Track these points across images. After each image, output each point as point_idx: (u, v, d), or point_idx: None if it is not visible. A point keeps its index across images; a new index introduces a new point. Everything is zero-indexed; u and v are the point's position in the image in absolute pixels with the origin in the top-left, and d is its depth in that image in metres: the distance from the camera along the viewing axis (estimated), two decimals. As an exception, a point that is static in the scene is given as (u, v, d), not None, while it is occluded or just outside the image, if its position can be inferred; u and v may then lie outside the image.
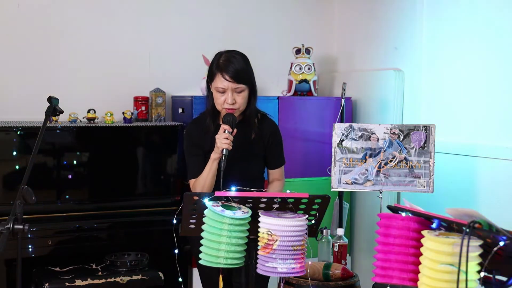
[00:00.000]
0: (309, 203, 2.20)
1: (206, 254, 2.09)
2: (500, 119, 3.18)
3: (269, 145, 2.88)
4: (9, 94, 3.75)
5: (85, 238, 3.43)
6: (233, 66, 2.68)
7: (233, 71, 2.67)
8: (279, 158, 2.94)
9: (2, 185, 3.38)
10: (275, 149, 2.91)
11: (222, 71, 2.68)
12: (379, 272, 1.90)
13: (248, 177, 2.76)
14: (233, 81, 2.68)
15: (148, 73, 4.08)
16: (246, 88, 2.72)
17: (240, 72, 2.68)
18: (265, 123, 2.88)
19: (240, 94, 2.70)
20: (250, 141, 2.82)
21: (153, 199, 3.69)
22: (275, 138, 2.90)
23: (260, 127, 2.85)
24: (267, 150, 2.88)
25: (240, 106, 2.73)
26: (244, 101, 2.73)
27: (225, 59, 2.71)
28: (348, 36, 4.45)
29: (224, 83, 2.68)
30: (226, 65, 2.69)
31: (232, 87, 2.68)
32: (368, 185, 3.11)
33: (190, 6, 4.20)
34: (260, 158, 2.88)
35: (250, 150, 2.82)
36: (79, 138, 3.56)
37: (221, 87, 2.69)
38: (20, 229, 2.13)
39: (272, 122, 2.93)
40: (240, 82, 2.68)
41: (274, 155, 2.91)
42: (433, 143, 3.05)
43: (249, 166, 2.82)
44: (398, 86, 3.81)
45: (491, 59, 3.23)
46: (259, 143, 2.85)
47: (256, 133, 2.84)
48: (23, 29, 3.78)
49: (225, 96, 2.69)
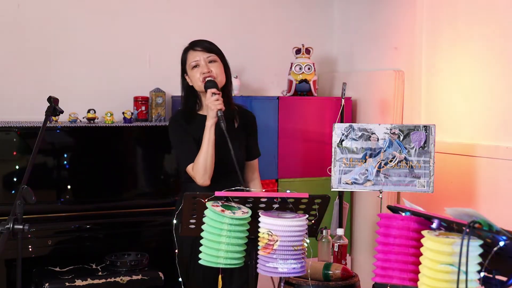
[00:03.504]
0: (309, 203, 2.20)
1: (206, 254, 2.09)
2: (500, 119, 3.18)
3: (248, 135, 2.90)
4: (9, 94, 3.75)
5: (85, 238, 3.43)
6: (199, 40, 2.84)
7: (200, 43, 2.81)
8: (256, 148, 2.96)
9: (2, 185, 3.38)
10: (253, 139, 2.93)
11: (191, 47, 2.82)
12: (379, 272, 1.90)
13: (240, 166, 2.71)
14: (203, 50, 2.77)
15: (148, 73, 4.08)
16: (218, 59, 2.78)
17: (207, 43, 2.81)
18: (244, 113, 2.92)
19: (213, 64, 2.76)
20: (234, 130, 2.83)
21: (153, 199, 3.69)
22: (253, 127, 2.93)
23: (241, 117, 2.88)
24: (247, 140, 2.90)
25: (218, 76, 2.75)
26: (220, 72, 2.77)
27: (192, 41, 2.86)
28: (348, 36, 4.45)
29: (196, 56, 2.77)
30: (193, 42, 2.84)
31: (203, 57, 2.76)
32: (368, 185, 3.11)
33: (190, 6, 4.20)
34: (243, 148, 2.87)
35: (237, 139, 2.79)
36: (79, 138, 3.56)
37: (193, 60, 2.77)
38: (20, 229, 2.13)
39: (250, 113, 2.97)
40: (210, 51, 2.78)
41: (252, 145, 2.92)
42: (433, 143, 3.05)
43: (239, 156, 2.75)
44: (398, 86, 3.81)
45: (491, 59, 3.23)
46: (242, 133, 2.87)
47: (238, 122, 2.86)
48: (23, 29, 3.78)
49: (200, 69, 2.75)
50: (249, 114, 2.96)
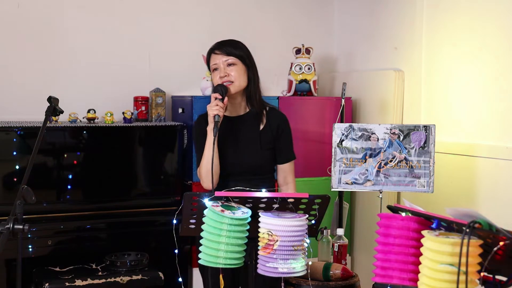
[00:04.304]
0: (309, 203, 2.20)
1: (206, 254, 2.09)
2: (500, 119, 3.17)
3: (277, 137, 2.81)
4: (9, 94, 3.75)
5: (85, 238, 3.43)
6: (222, 42, 2.81)
7: (221, 45, 2.78)
8: (288, 151, 2.85)
9: (2, 185, 3.38)
10: (283, 141, 2.82)
11: (213, 50, 2.79)
12: (379, 272, 1.90)
13: (258, 170, 2.74)
14: (222, 53, 2.75)
15: (148, 73, 4.08)
16: (238, 62, 2.75)
17: (228, 46, 2.78)
18: (273, 114, 2.84)
19: (232, 68, 2.74)
20: (258, 132, 2.78)
21: (153, 199, 3.69)
22: (284, 129, 2.83)
23: (268, 118, 2.81)
24: (276, 143, 2.81)
25: (235, 80, 2.72)
26: (238, 75, 2.73)
27: (217, 42, 2.84)
28: (348, 36, 4.45)
29: (216, 59, 2.75)
30: (216, 44, 2.82)
31: (222, 60, 2.74)
32: (368, 185, 3.11)
33: (190, 6, 4.20)
34: (268, 151, 2.80)
35: (259, 141, 2.77)
36: (79, 138, 3.56)
37: (214, 63, 2.76)
38: (20, 229, 2.13)
39: (281, 114, 2.87)
40: (230, 55, 2.75)
41: (282, 148, 2.82)
42: (433, 143, 3.05)
43: (258, 158, 2.76)
44: (398, 86, 3.81)
45: (491, 59, 3.23)
46: (268, 135, 2.79)
47: (264, 124, 2.80)
48: (23, 29, 3.78)
49: (219, 72, 2.74)
50: (280, 116, 2.85)
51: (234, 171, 2.71)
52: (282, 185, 2.86)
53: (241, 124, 2.78)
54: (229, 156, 2.72)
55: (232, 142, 2.74)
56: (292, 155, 2.86)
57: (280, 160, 2.83)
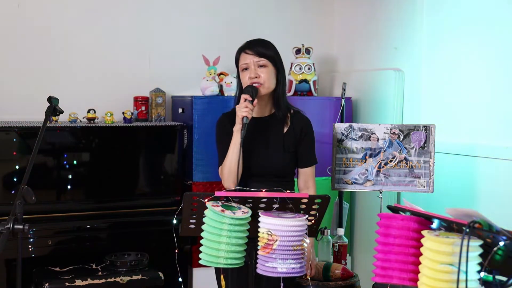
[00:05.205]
0: (309, 203, 2.20)
1: (206, 254, 2.09)
2: (500, 119, 3.17)
3: (300, 141, 2.79)
4: (9, 94, 3.75)
5: (85, 238, 3.43)
6: (254, 42, 2.78)
7: (252, 45, 2.76)
8: (310, 156, 2.82)
9: (2, 185, 3.38)
10: (306, 145, 2.81)
11: (244, 49, 2.76)
12: (379, 272, 1.90)
13: (280, 172, 2.73)
14: (254, 54, 2.72)
15: (148, 73, 4.08)
16: (269, 64, 2.73)
17: (259, 46, 2.76)
18: (298, 117, 2.83)
19: (263, 69, 2.71)
20: (282, 135, 2.78)
21: (153, 199, 3.69)
22: (307, 133, 2.81)
23: (292, 121, 2.80)
24: (298, 146, 2.80)
25: (265, 82, 2.70)
26: (268, 77, 2.71)
27: (247, 41, 2.81)
28: (348, 36, 4.45)
29: (247, 59, 2.73)
30: (247, 43, 2.79)
31: (254, 60, 2.72)
32: (368, 185, 3.11)
33: (190, 6, 4.20)
34: (291, 154, 2.78)
35: (282, 144, 2.76)
36: (79, 138, 3.57)
37: (244, 63, 2.73)
38: (20, 229, 2.13)
39: (305, 117, 2.86)
40: (261, 56, 2.72)
41: (304, 152, 2.81)
42: (433, 143, 3.05)
43: (280, 161, 2.75)
44: (398, 86, 3.81)
45: (491, 58, 3.23)
46: (291, 138, 2.78)
47: (288, 127, 2.80)
48: (23, 29, 3.78)
49: (249, 73, 2.71)
50: (304, 119, 2.84)
51: (256, 172, 2.70)
52: (302, 189, 2.83)
53: (265, 126, 2.77)
54: (252, 157, 2.70)
55: (256, 144, 2.72)
56: (314, 160, 2.85)
57: (302, 164, 2.82)
